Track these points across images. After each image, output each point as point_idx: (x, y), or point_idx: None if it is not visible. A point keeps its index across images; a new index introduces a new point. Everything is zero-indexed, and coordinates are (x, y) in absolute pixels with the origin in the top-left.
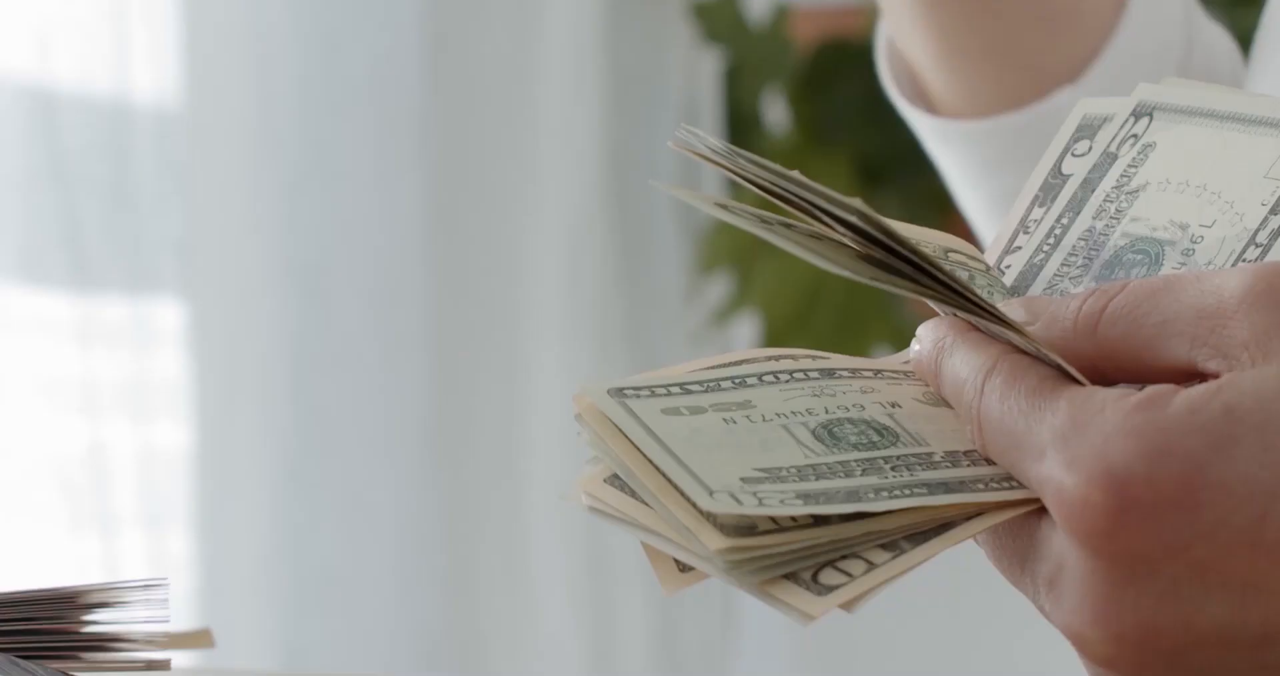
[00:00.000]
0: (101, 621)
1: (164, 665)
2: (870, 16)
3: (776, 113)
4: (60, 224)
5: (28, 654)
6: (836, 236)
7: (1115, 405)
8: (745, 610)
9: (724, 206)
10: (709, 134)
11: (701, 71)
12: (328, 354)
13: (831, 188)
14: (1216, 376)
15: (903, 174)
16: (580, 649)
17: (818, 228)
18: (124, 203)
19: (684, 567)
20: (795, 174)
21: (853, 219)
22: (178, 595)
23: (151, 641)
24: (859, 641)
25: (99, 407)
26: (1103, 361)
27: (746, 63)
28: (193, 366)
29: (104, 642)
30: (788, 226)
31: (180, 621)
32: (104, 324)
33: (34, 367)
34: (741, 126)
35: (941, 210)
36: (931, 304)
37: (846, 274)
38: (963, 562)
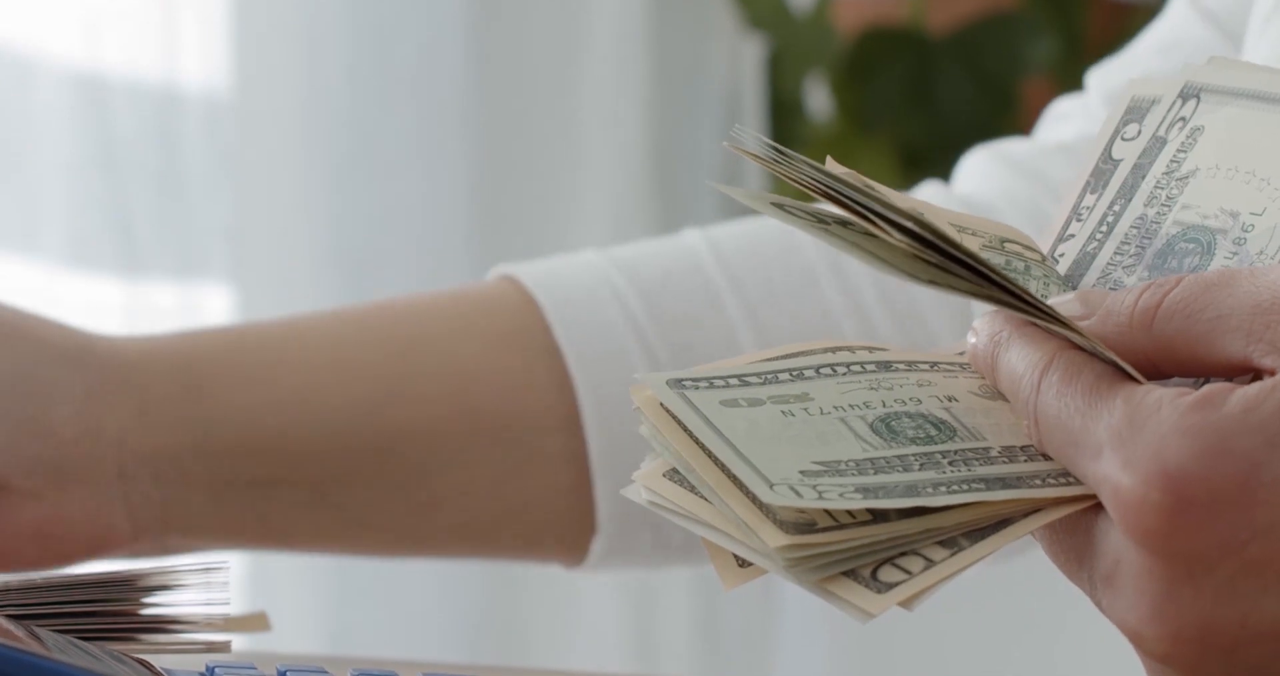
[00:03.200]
0: (161, 604)
1: (224, 647)
2: (915, 3)
3: (819, 100)
4: (110, 210)
5: (88, 636)
6: (890, 238)
7: (1171, 404)
8: (787, 599)
9: (780, 206)
10: (752, 121)
11: (744, 59)
12: None
13: (875, 174)
14: (1272, 372)
15: (945, 161)
16: (621, 636)
17: (872, 229)
18: (173, 189)
19: (743, 563)
20: (849, 176)
21: (910, 225)
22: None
23: (210, 624)
24: (901, 631)
25: None
26: (1158, 356)
27: (789, 50)
28: None
29: (163, 625)
30: (844, 225)
31: (232, 605)
32: (153, 309)
33: None
34: (784, 113)
35: None
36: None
37: (904, 277)
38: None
